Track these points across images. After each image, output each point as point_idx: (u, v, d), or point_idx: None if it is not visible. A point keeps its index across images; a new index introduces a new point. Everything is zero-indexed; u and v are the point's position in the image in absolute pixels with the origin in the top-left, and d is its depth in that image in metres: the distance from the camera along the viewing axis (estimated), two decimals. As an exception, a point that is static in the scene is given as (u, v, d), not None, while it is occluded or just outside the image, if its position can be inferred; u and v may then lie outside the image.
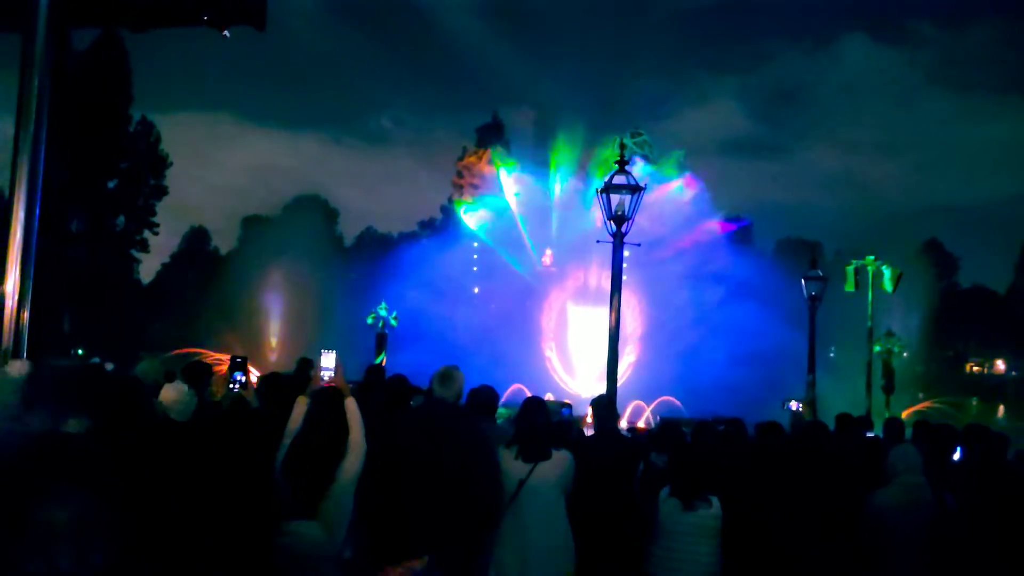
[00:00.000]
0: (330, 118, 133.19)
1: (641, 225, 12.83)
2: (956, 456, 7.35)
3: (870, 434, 9.75)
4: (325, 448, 4.66)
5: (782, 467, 6.19)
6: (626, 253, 12.61)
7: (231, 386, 6.33)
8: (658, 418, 26.64)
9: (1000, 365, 63.16)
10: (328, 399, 5.02)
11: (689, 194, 41.09)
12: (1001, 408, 49.02)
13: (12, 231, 6.32)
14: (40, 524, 1.80)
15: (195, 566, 4.37)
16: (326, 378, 5.14)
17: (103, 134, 44.35)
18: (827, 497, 5.78)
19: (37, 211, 6.22)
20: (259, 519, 4.67)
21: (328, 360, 4.84)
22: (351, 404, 4.90)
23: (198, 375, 7.73)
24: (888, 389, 29.42)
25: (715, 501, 5.67)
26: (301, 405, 4.98)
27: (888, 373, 30.02)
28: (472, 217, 44.15)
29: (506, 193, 43.10)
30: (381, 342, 32.44)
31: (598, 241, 14.20)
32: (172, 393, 5.72)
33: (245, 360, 6.61)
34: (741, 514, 5.72)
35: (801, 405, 8.81)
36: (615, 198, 11.02)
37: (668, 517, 5.66)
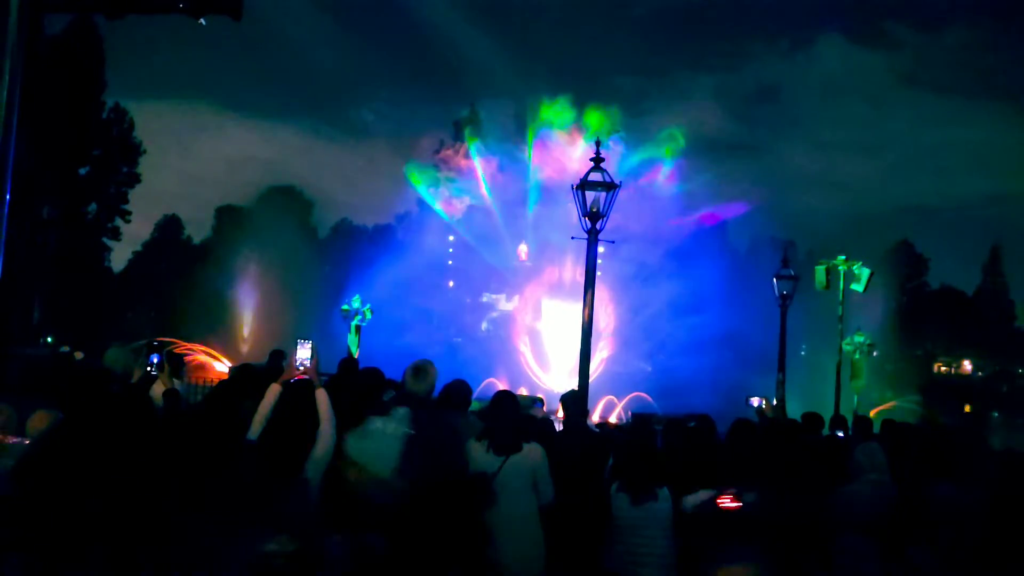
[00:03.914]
0: (310, 109, 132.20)
1: (617, 221, 12.86)
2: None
3: (840, 433, 9.88)
4: (293, 438, 4.67)
5: (750, 463, 6.27)
6: (601, 249, 12.66)
7: (147, 368, 6.30)
8: (630, 413, 26.78)
9: (967, 365, 64.09)
10: (299, 390, 5.03)
11: (669, 187, 40.74)
12: (967, 407, 49.71)
13: (-19, 217, 6.23)
14: None
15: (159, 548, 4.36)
16: (302, 368, 5.14)
17: (75, 120, 43.77)
18: (793, 493, 5.85)
19: (7, 197, 6.16)
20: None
21: (304, 351, 4.78)
22: (321, 396, 4.91)
23: (174, 364, 7.69)
24: (857, 388, 29.71)
25: (663, 494, 5.73)
26: (272, 393, 4.97)
27: (857, 372, 30.31)
28: (448, 203, 43.78)
29: (483, 183, 42.93)
30: (354, 335, 32.30)
31: (573, 237, 14.23)
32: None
33: (162, 343, 6.62)
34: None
35: (764, 402, 8.88)
36: (590, 195, 11.05)
37: (619, 511, 5.72)
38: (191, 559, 4.54)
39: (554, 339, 39.43)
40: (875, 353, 35.70)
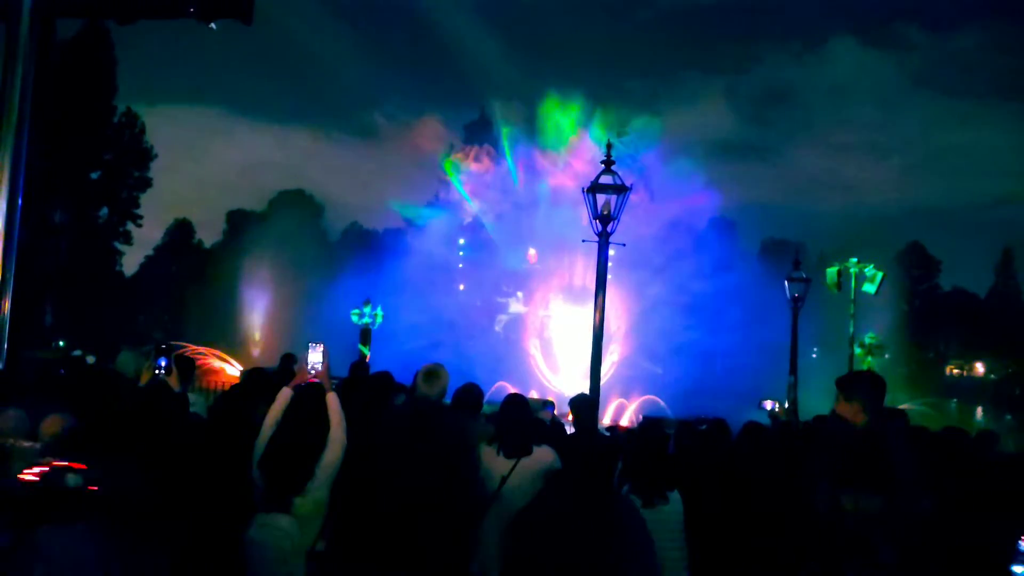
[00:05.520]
0: (321, 113, 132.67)
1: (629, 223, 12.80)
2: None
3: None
4: (304, 442, 4.66)
5: (757, 466, 6.23)
6: (611, 252, 12.62)
7: (156, 371, 6.25)
8: (640, 417, 26.68)
9: (979, 368, 63.69)
10: (309, 394, 5.02)
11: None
12: (980, 410, 49.42)
13: (-6, 222, 6.25)
14: None
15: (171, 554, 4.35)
16: (313, 372, 5.13)
17: (87, 125, 44.02)
18: (794, 495, 5.79)
19: (19, 202, 6.18)
20: (233, 510, 4.66)
21: (315, 354, 4.74)
22: (332, 399, 4.90)
23: (185, 367, 7.70)
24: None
25: (674, 496, 5.69)
26: (283, 397, 4.97)
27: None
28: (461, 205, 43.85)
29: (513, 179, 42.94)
30: (366, 338, 32.37)
31: (584, 240, 14.22)
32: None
33: (170, 346, 6.56)
34: (711, 511, 5.75)
35: (776, 405, 8.81)
36: (600, 197, 11.02)
37: None
38: None
39: (564, 342, 39.37)
40: (886, 355, 35.57)
